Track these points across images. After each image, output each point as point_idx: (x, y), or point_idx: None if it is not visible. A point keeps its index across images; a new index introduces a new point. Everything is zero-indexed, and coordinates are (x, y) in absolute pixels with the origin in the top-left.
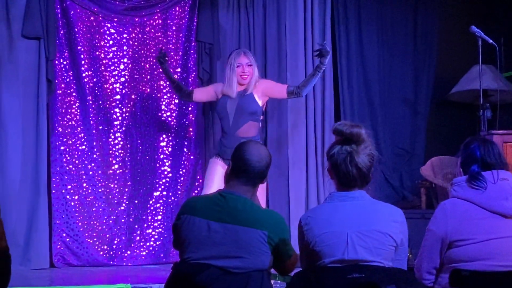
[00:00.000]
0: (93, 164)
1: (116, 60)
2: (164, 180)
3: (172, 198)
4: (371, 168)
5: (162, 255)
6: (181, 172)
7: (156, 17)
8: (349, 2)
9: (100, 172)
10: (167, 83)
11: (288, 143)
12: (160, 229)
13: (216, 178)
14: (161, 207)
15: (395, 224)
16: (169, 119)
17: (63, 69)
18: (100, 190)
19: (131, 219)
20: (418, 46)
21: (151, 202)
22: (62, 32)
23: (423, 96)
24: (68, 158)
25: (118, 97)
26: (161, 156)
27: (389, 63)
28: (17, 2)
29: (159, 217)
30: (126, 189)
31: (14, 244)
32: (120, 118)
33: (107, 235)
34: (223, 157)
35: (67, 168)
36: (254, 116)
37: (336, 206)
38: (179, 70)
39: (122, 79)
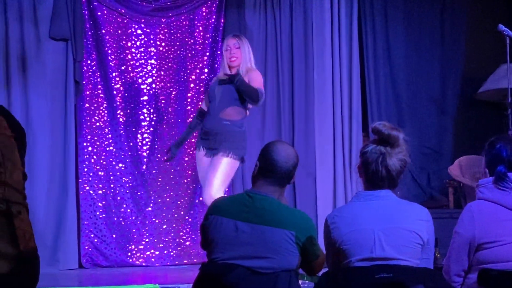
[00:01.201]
0: (120, 165)
1: (143, 61)
2: (191, 181)
3: (200, 198)
4: (401, 173)
5: (190, 255)
6: None
7: (182, 18)
8: (375, 2)
9: (127, 173)
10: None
11: (315, 143)
12: (187, 230)
13: (200, 174)
14: (189, 208)
15: (421, 222)
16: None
17: (91, 70)
18: (127, 191)
19: (158, 220)
20: (445, 45)
21: (178, 203)
22: (89, 33)
23: (450, 95)
24: (96, 159)
25: (145, 98)
26: (189, 157)
27: (416, 62)
28: (45, 3)
29: (187, 218)
30: (154, 190)
31: (42, 245)
32: (147, 119)
33: (135, 236)
34: (203, 146)
35: (95, 169)
36: (238, 102)
37: (362, 205)
38: (206, 70)
39: (150, 80)
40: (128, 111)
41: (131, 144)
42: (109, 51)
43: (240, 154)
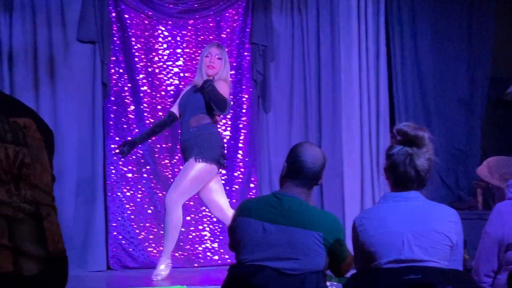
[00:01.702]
0: (148, 167)
1: (170, 63)
2: None
3: (227, 199)
4: (429, 172)
5: (217, 257)
6: (235, 174)
7: (209, 20)
8: (402, 2)
9: (155, 174)
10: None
11: (342, 144)
12: (215, 231)
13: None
14: None
15: (450, 224)
16: (223, 121)
17: (118, 73)
18: (155, 193)
19: (186, 221)
20: (473, 45)
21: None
22: (116, 35)
23: (478, 96)
24: (124, 161)
25: (172, 99)
26: None
27: (443, 62)
28: (72, 6)
29: (215, 219)
30: None
31: (71, 247)
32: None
33: (162, 237)
34: (183, 158)
35: (123, 171)
36: (204, 110)
37: (390, 206)
38: (232, 72)
39: (176, 81)
40: (156, 113)
41: (159, 145)
42: (136, 53)
43: (210, 157)
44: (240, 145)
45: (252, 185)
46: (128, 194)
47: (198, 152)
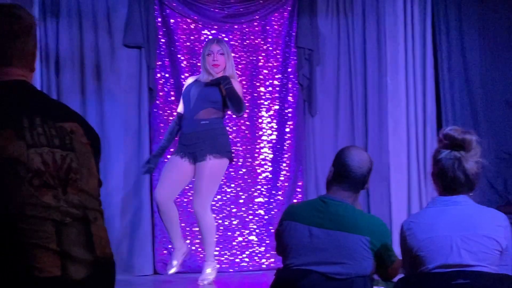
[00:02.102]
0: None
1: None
2: (265, 187)
3: (274, 204)
4: (478, 175)
5: (264, 261)
6: (282, 178)
7: (255, 24)
8: (449, 4)
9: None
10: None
11: (389, 148)
12: (262, 235)
13: (169, 175)
14: (263, 213)
15: (500, 228)
16: (270, 125)
17: (164, 77)
18: None
19: (232, 225)
20: None
21: (252, 208)
22: (162, 40)
23: None
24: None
25: None
26: (262, 163)
27: (491, 65)
28: (119, 12)
29: (261, 223)
30: (227, 195)
31: (118, 251)
32: None
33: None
34: (184, 151)
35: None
36: (214, 104)
37: (439, 210)
38: (278, 76)
39: None
40: None
41: None
42: (182, 58)
43: (225, 152)
44: (286, 149)
45: (298, 189)
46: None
47: (213, 148)
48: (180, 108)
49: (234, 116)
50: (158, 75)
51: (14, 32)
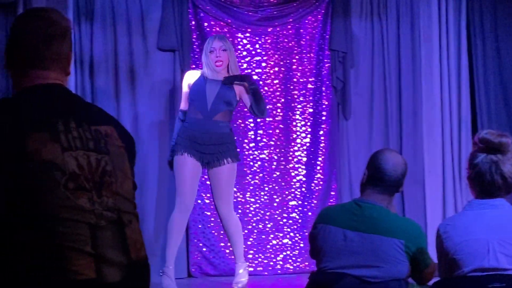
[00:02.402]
0: None
1: (249, 70)
2: (299, 190)
3: (308, 207)
4: None
5: (298, 264)
6: (316, 181)
7: (289, 27)
8: (484, 6)
9: (235, 182)
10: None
11: (423, 150)
12: (296, 238)
13: (188, 182)
14: (297, 217)
15: None
16: (303, 128)
17: None
18: (235, 200)
19: (266, 229)
20: None
21: (286, 212)
22: (196, 43)
23: None
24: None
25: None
26: (296, 166)
27: None
28: (152, 15)
29: (295, 227)
30: (261, 199)
31: (152, 254)
32: (254, 128)
33: (243, 245)
34: (195, 149)
35: (203, 178)
36: (229, 106)
37: (476, 214)
38: (312, 79)
39: None
40: (235, 120)
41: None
42: None
43: (237, 154)
44: (320, 152)
45: (332, 192)
46: (207, 201)
47: (229, 151)
48: (185, 105)
49: (257, 118)
50: None
51: (49, 36)
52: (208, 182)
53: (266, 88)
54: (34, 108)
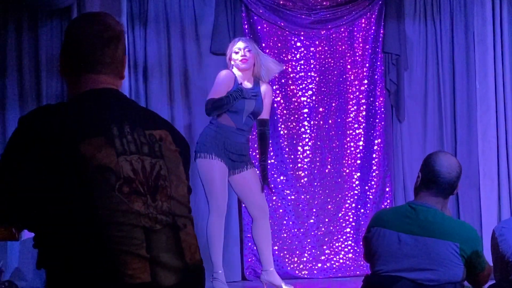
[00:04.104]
0: (282, 177)
1: (303, 73)
2: (353, 193)
3: (362, 210)
4: None
5: (352, 267)
6: (370, 184)
7: (342, 30)
8: None
9: (289, 185)
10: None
11: (478, 153)
12: (350, 242)
13: (221, 185)
14: (351, 220)
15: None
16: (357, 131)
17: None
18: (289, 204)
19: (320, 232)
20: None
21: (340, 215)
22: None
23: None
24: (258, 171)
25: (306, 110)
26: (350, 169)
27: None
28: (205, 19)
29: (349, 230)
30: (315, 202)
31: (207, 258)
32: (308, 131)
33: (298, 248)
34: (227, 157)
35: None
36: (253, 122)
37: None
38: (366, 82)
39: (310, 92)
40: (289, 123)
41: (292, 156)
42: None
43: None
44: (374, 155)
45: (386, 195)
46: None
47: (249, 158)
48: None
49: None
50: None
51: (104, 41)
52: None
53: (320, 91)
54: (89, 113)
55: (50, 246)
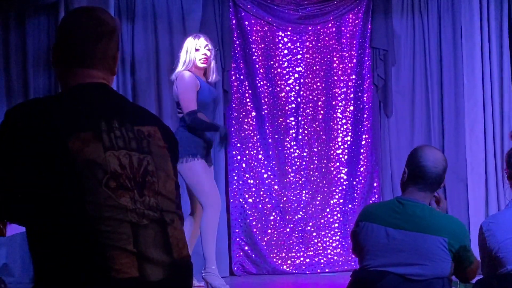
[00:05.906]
0: (269, 173)
1: (290, 69)
2: (340, 188)
3: (349, 205)
4: None
5: (340, 262)
6: (357, 180)
7: (329, 25)
8: None
9: (276, 180)
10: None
11: (466, 147)
12: (337, 237)
13: (210, 182)
14: (338, 215)
15: None
16: (345, 126)
17: (239, 79)
18: (277, 199)
19: (308, 227)
20: None
21: (328, 210)
22: (237, 42)
23: None
24: (245, 167)
25: (293, 105)
26: (337, 164)
27: None
28: (193, 14)
29: (336, 225)
30: (303, 198)
31: (195, 253)
32: (295, 126)
33: (285, 243)
34: (205, 156)
35: (244, 177)
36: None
37: None
38: (353, 77)
39: (297, 87)
40: (276, 119)
41: (280, 151)
42: (257, 60)
43: None
44: (362, 150)
45: (374, 190)
46: (250, 200)
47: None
48: (195, 105)
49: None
50: (233, 77)
51: (98, 35)
52: (250, 181)
53: (308, 86)
54: (77, 107)
55: (39, 240)
